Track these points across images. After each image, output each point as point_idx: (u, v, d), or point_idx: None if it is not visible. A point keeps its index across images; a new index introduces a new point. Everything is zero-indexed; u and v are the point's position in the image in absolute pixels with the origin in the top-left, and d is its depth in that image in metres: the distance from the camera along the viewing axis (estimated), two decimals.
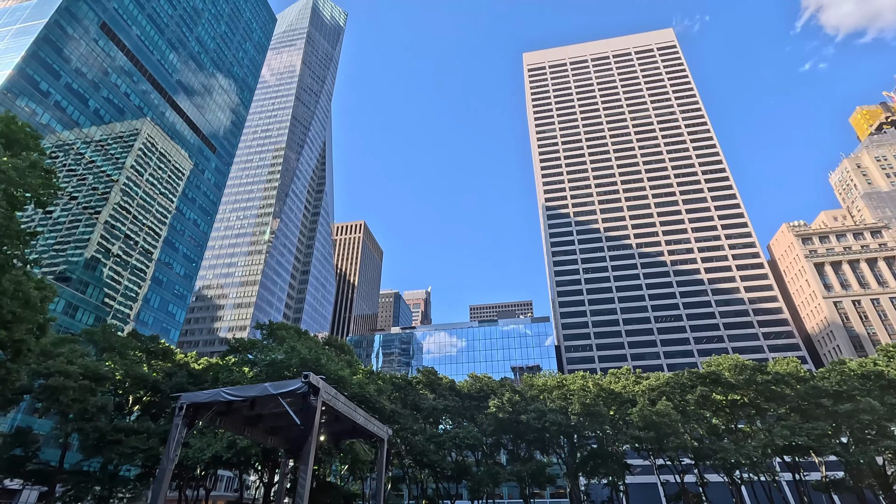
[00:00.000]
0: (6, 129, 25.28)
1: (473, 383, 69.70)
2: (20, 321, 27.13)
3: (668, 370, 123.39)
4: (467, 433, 59.17)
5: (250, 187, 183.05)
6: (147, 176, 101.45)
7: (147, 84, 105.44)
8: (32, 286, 28.25)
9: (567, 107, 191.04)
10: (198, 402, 28.30)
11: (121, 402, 49.26)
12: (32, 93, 79.73)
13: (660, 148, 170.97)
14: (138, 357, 52.28)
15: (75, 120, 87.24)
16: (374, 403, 49.38)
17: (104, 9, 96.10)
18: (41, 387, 40.54)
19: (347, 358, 60.14)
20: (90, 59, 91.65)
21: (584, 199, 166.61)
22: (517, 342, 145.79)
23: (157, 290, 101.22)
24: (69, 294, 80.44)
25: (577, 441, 62.37)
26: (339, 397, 29.93)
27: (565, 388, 63.08)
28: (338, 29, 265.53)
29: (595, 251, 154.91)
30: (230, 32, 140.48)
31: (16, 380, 30.27)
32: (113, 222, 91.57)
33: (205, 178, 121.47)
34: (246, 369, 50.96)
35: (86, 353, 46.77)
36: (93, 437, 41.94)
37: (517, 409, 59.87)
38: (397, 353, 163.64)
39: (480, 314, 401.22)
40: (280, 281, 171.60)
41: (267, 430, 35.28)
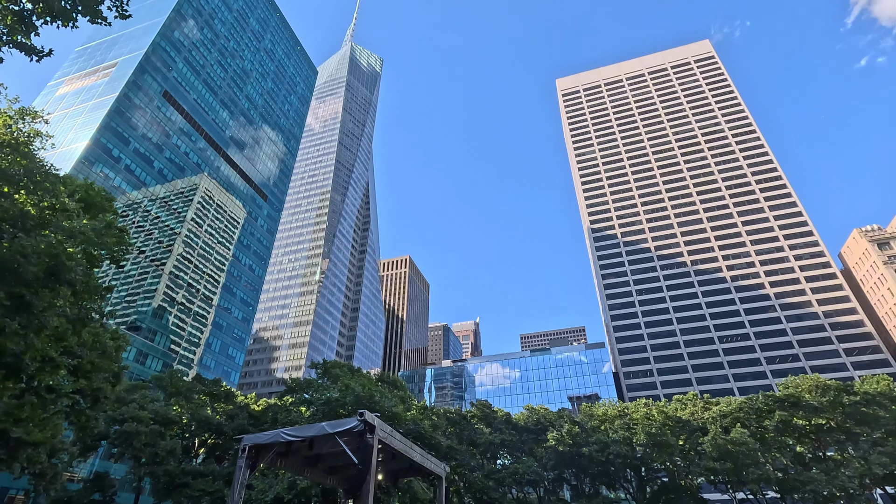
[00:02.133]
0: (85, 194, 27.80)
1: (530, 415, 67.58)
2: (98, 370, 29.02)
3: (739, 394, 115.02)
4: (527, 468, 57.01)
5: (300, 230, 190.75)
6: (206, 227, 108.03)
7: (203, 142, 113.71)
8: (108, 337, 30.30)
9: (605, 128, 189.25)
10: (259, 443, 28.95)
11: (188, 445, 51.09)
12: (106, 159, 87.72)
13: (707, 161, 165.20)
14: (203, 400, 54.40)
15: (142, 180, 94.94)
16: (429, 440, 48.71)
17: (165, 78, 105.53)
18: (116, 432, 42.82)
19: (400, 394, 60.02)
20: (154, 125, 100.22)
21: (630, 218, 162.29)
22: (572, 370, 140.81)
23: (217, 335, 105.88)
24: (139, 342, 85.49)
25: (646, 474, 58.63)
26: (395, 434, 29.75)
27: (628, 417, 59.97)
28: (374, 75, 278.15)
29: (646, 271, 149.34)
30: (276, 88, 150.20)
31: (94, 427, 32.11)
32: (176, 272, 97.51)
33: (258, 225, 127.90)
34: (303, 409, 51.81)
35: (155, 398, 49.26)
36: (163, 481, 43.55)
37: (578, 441, 57.28)
38: (449, 386, 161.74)
39: (532, 343, 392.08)
40: (332, 319, 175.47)
41: (326, 469, 35.42)
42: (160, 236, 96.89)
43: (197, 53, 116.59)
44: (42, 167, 21.88)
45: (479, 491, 56.46)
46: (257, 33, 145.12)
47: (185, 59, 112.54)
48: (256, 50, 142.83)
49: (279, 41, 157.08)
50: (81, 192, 27.72)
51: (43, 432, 23.73)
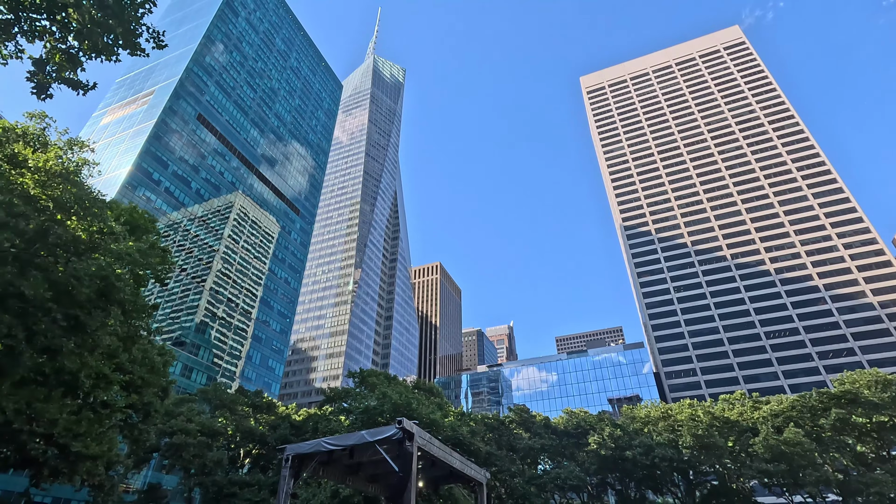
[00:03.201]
0: (130, 217, 29.19)
1: (569, 419, 66.41)
2: (148, 385, 30.26)
3: (791, 391, 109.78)
4: (569, 473, 55.96)
5: (332, 242, 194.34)
6: (242, 243, 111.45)
7: (237, 161, 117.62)
8: (156, 353, 31.58)
9: (633, 123, 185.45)
10: (301, 452, 29.47)
11: (234, 455, 52.53)
12: (147, 182, 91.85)
13: (743, 151, 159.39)
14: (246, 412, 55.90)
15: (181, 201, 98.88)
16: (468, 446, 48.49)
17: (199, 102, 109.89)
18: (166, 445, 44.49)
19: (437, 400, 60.08)
20: (190, 147, 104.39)
21: (664, 213, 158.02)
22: (611, 372, 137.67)
23: (257, 347, 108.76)
24: (185, 357, 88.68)
25: (694, 477, 56.57)
26: (434, 441, 29.75)
27: (672, 418, 58.09)
28: (398, 85, 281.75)
29: (684, 267, 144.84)
30: (303, 104, 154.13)
31: (146, 439, 33.47)
32: (216, 288, 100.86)
33: (291, 239, 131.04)
34: (342, 418, 52.52)
35: (201, 411, 50.94)
36: (212, 491, 44.89)
37: (620, 444, 55.85)
38: (486, 391, 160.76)
39: (568, 345, 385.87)
40: (366, 328, 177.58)
41: (367, 477, 35.73)
42: (200, 254, 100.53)
43: (227, 76, 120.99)
44: (90, 194, 23.10)
45: (521, 497, 55.72)
46: (283, 53, 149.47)
47: (217, 82, 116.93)
48: (283, 69, 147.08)
49: (304, 59, 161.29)
50: (126, 216, 29.12)
51: (100, 446, 24.88)
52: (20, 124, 21.69)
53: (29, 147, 21.03)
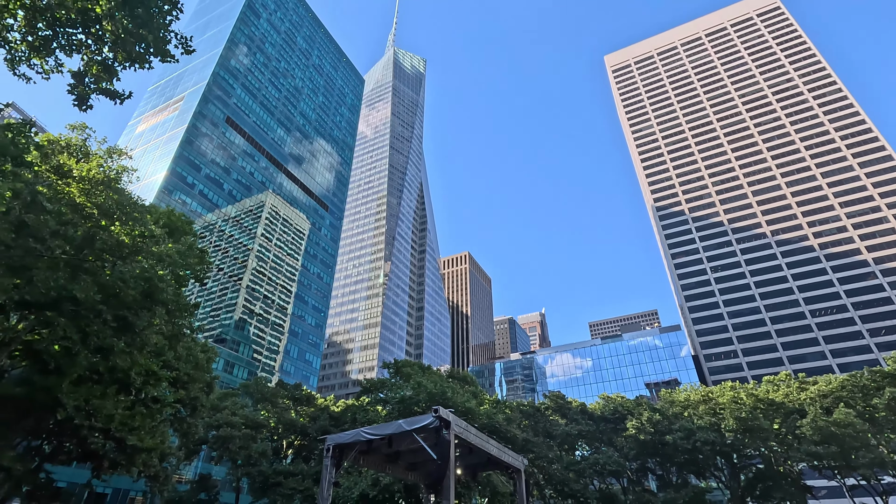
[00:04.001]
0: (168, 220, 30.29)
1: (606, 404, 65.70)
2: (194, 381, 31.56)
3: (840, 371, 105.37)
4: (608, 459, 55.52)
5: (361, 236, 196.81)
6: (275, 241, 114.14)
7: (265, 161, 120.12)
8: (199, 350, 32.84)
9: (662, 100, 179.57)
10: (342, 442, 30.22)
11: (277, 447, 54.35)
12: (182, 186, 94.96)
13: (781, 122, 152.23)
14: (287, 404, 57.61)
15: (215, 202, 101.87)
16: (504, 433, 48.68)
17: (226, 105, 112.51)
18: (214, 437, 46.40)
19: (472, 389, 60.41)
20: (220, 150, 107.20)
21: (697, 192, 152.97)
22: (648, 356, 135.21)
23: (294, 342, 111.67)
24: (226, 353, 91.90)
25: (738, 461, 55.18)
26: (471, 429, 29.98)
27: (713, 401, 56.70)
28: (419, 76, 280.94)
29: (720, 246, 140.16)
30: (327, 101, 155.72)
31: (195, 432, 35.00)
32: (252, 286, 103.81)
33: (322, 235, 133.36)
34: (379, 408, 53.49)
35: (244, 404, 52.83)
36: (258, 481, 46.66)
37: (659, 429, 54.95)
38: (520, 379, 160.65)
39: (602, 330, 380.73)
40: (398, 320, 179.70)
41: (406, 466, 36.38)
42: (235, 253, 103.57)
43: (252, 78, 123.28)
44: (131, 200, 24.06)
45: (560, 483, 55.69)
46: (305, 51, 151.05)
47: (243, 84, 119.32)
48: (305, 67, 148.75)
49: (326, 56, 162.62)
50: (165, 219, 30.23)
51: (153, 439, 26.17)
52: (63, 136, 22.73)
53: (73, 157, 22.03)
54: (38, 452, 28.80)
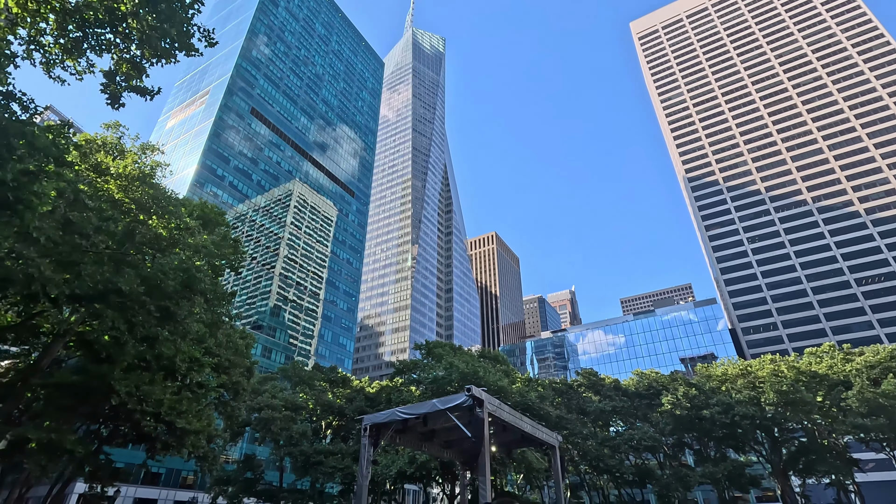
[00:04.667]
0: (201, 212, 31.17)
1: (640, 380, 65.09)
2: (234, 366, 32.80)
3: (888, 341, 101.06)
4: (643, 434, 55.23)
5: (387, 220, 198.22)
6: (304, 228, 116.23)
7: (291, 149, 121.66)
8: (238, 336, 34.02)
9: (692, 64, 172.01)
10: (378, 422, 31.02)
11: (316, 427, 56.22)
12: (212, 178, 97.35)
13: (822, 81, 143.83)
14: (323, 387, 59.35)
15: (245, 193, 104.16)
16: (537, 411, 48.95)
17: (250, 96, 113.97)
18: (256, 419, 48.34)
19: (503, 368, 60.76)
20: (247, 141, 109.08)
21: (732, 160, 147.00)
22: (682, 331, 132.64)
23: (327, 326, 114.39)
24: (263, 339, 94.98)
25: (780, 435, 54.01)
26: (504, 407, 30.28)
27: (751, 375, 55.42)
28: (438, 55, 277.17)
29: (758, 216, 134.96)
30: (348, 87, 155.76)
31: (238, 415, 36.52)
32: (285, 273, 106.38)
33: (349, 221, 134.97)
34: (413, 388, 54.49)
35: (283, 387, 54.72)
36: (300, 460, 48.52)
37: (696, 403, 54.16)
38: (551, 357, 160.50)
39: (633, 306, 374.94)
40: (428, 302, 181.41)
41: (441, 444, 37.12)
42: (266, 242, 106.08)
43: (274, 67, 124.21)
44: (166, 194, 24.83)
45: (595, 459, 55.83)
46: (324, 37, 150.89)
47: (265, 74, 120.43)
48: (325, 53, 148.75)
49: (345, 41, 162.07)
50: (198, 211, 31.12)
51: (200, 422, 27.47)
52: (99, 135, 23.54)
53: (109, 155, 22.83)
54: (96, 436, 30.68)
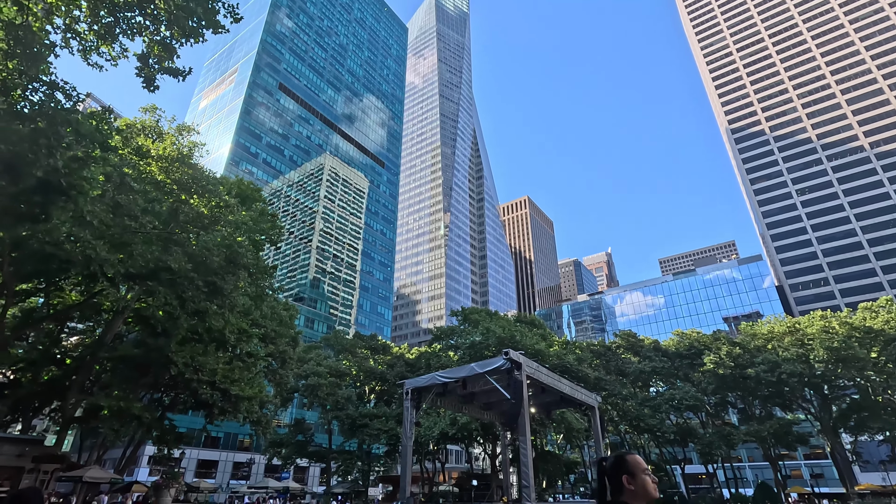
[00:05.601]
0: (239, 190, 32.04)
1: (681, 341, 64.12)
2: (280, 336, 34.26)
3: None
4: (685, 394, 54.80)
5: (418, 189, 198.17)
6: (337, 201, 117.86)
7: (320, 123, 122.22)
8: (282, 308, 35.36)
9: (735, 5, 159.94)
10: (419, 386, 32.00)
11: (360, 392, 58.55)
12: (246, 156, 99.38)
13: (884, 13, 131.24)
14: (365, 354, 61.41)
15: (278, 169, 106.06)
16: (576, 372, 49.21)
17: (277, 71, 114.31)
18: (303, 386, 50.74)
19: (540, 332, 61.02)
20: (277, 117, 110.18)
21: (780, 107, 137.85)
22: (725, 289, 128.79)
23: (365, 296, 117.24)
24: (305, 310, 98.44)
25: (830, 392, 52.50)
26: (542, 369, 30.60)
27: (800, 332, 53.63)
28: (463, 16, 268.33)
29: (808, 165, 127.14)
30: (372, 55, 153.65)
31: (287, 382, 38.42)
32: (321, 246, 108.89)
33: (381, 192, 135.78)
34: (451, 353, 55.64)
35: (327, 355, 56.96)
36: (346, 423, 50.86)
37: (740, 362, 53.09)
38: (588, 320, 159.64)
39: (673, 266, 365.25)
40: (462, 269, 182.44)
41: (481, 406, 38.03)
42: (302, 216, 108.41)
43: (298, 41, 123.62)
44: (204, 174, 25.61)
45: (635, 419, 55.98)
46: (346, 6, 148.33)
47: (290, 48, 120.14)
48: (348, 22, 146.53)
49: (367, 8, 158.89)
50: (236, 189, 32.00)
51: (252, 389, 29.08)
52: (138, 119, 24.33)
53: (149, 139, 23.62)
54: (160, 403, 33.03)
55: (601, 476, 2.61)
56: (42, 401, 30.51)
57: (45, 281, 25.48)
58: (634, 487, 2.44)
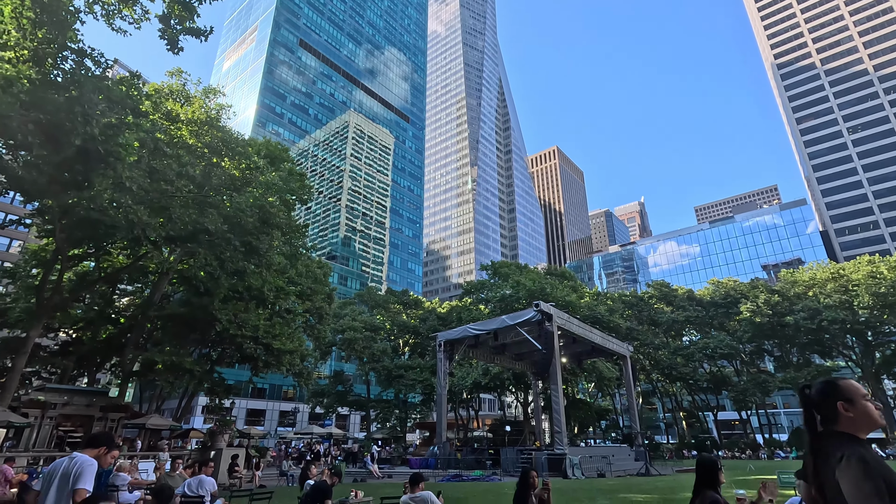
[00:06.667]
0: (267, 151, 32.35)
1: (716, 290, 62.94)
2: (315, 293, 35.38)
3: None
4: (719, 342, 54.33)
5: (444, 143, 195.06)
6: (364, 159, 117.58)
7: (342, 79, 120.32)
8: (316, 266, 36.32)
9: None
10: (451, 338, 32.80)
11: (394, 345, 60.53)
12: (272, 117, 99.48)
13: None
14: (398, 309, 62.98)
15: (304, 129, 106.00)
16: (607, 323, 49.25)
17: (297, 27, 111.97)
18: (340, 340, 52.77)
19: (570, 284, 60.86)
20: (299, 75, 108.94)
21: (833, 37, 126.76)
22: (765, 236, 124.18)
23: (396, 253, 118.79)
24: (338, 268, 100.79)
25: (873, 339, 51.02)
26: (573, 320, 30.77)
27: (844, 278, 51.69)
28: None
29: (862, 101, 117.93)
30: (392, 4, 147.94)
31: (324, 337, 40.01)
32: (350, 204, 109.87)
33: (407, 147, 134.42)
34: (482, 307, 56.39)
35: (361, 311, 58.70)
36: (383, 374, 53.01)
37: (778, 310, 51.92)
38: (620, 271, 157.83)
39: (710, 213, 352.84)
40: (491, 223, 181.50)
41: (513, 356, 38.82)
42: (330, 175, 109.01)
43: None
44: (233, 136, 25.87)
45: (668, 367, 56.13)
46: None
47: (308, 2, 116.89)
48: None
49: None
50: (264, 150, 32.32)
51: (292, 343, 30.49)
52: (165, 83, 24.53)
53: (177, 103, 23.87)
54: (208, 358, 35.11)
55: (807, 406, 2.34)
56: (103, 357, 32.91)
57: (94, 246, 26.86)
58: (854, 415, 2.14)
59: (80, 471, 4.26)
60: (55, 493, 4.23)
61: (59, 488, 4.24)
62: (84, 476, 4.25)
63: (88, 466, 4.34)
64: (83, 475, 4.25)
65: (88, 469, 4.32)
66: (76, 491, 4.16)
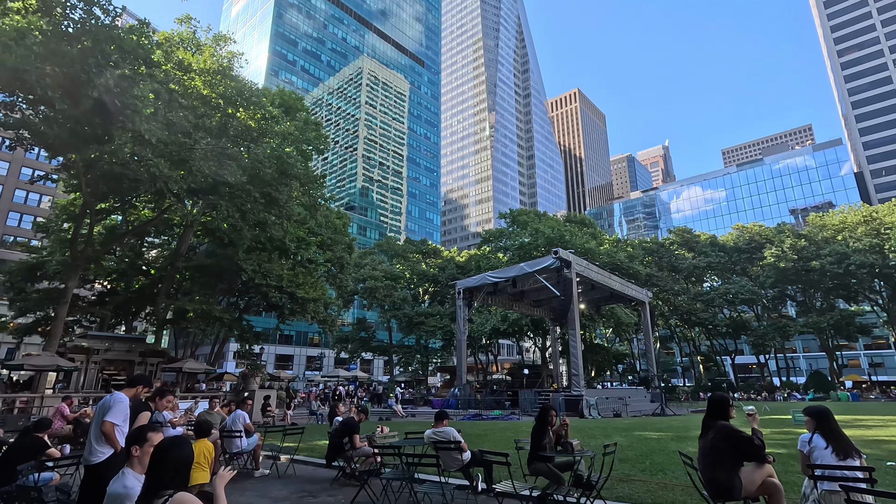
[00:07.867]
0: (281, 100, 31.89)
1: (740, 235, 61.70)
2: (336, 244, 35.90)
3: None
4: (740, 288, 53.92)
5: (461, 89, 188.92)
6: (378, 106, 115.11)
7: (354, 22, 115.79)
8: (335, 216, 36.63)
9: None
10: (470, 286, 33.25)
11: (415, 293, 61.72)
12: (285, 65, 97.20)
13: None
14: (417, 258, 63.67)
15: (317, 76, 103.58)
16: (626, 269, 49.11)
17: None
18: (362, 289, 54.01)
19: (590, 231, 60.30)
20: (309, 19, 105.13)
21: None
22: (795, 179, 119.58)
23: (413, 202, 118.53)
24: (357, 218, 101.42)
25: None
26: (591, 267, 30.75)
27: (877, 221, 50.02)
28: None
29: None
30: None
31: (346, 286, 40.93)
32: (367, 154, 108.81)
33: (422, 94, 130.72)
34: (500, 255, 56.63)
35: (381, 260, 59.60)
36: (404, 321, 54.47)
37: (804, 255, 50.87)
38: (641, 217, 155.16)
39: (738, 156, 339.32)
40: (509, 171, 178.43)
41: (531, 303, 39.31)
42: (345, 125, 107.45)
43: None
44: (247, 86, 25.49)
45: (686, 313, 56.24)
46: None
47: None
48: None
49: None
50: (278, 99, 31.86)
51: (315, 291, 31.33)
52: (175, 31, 24.01)
53: (188, 52, 23.45)
54: (235, 307, 36.47)
55: None
56: (137, 306, 34.46)
57: (119, 200, 27.47)
58: None
59: (108, 406, 4.98)
60: (94, 426, 4.93)
61: (96, 422, 4.94)
62: (113, 410, 4.94)
63: (118, 403, 5.01)
64: (112, 409, 4.94)
65: (117, 405, 4.99)
66: (103, 422, 4.84)
